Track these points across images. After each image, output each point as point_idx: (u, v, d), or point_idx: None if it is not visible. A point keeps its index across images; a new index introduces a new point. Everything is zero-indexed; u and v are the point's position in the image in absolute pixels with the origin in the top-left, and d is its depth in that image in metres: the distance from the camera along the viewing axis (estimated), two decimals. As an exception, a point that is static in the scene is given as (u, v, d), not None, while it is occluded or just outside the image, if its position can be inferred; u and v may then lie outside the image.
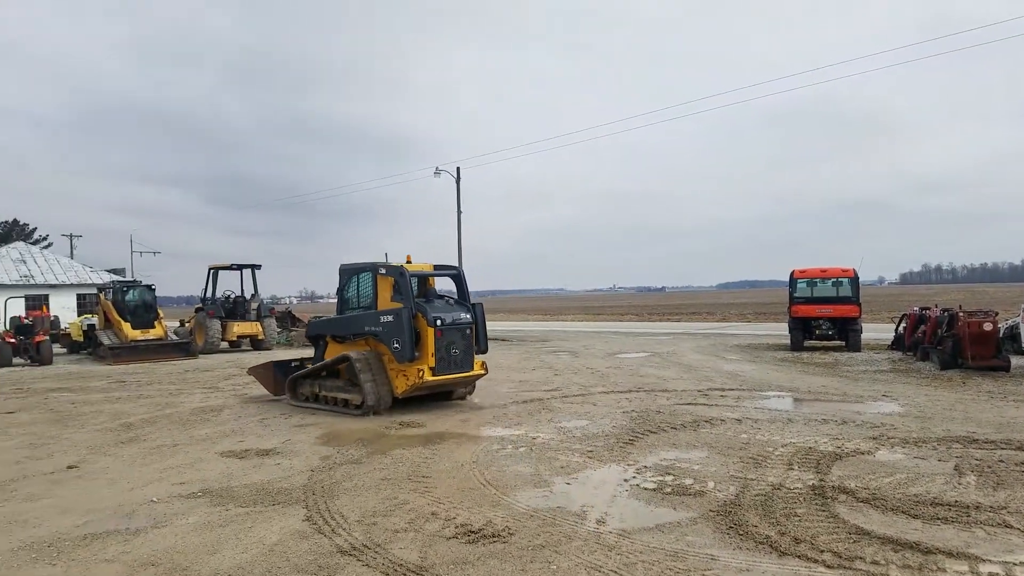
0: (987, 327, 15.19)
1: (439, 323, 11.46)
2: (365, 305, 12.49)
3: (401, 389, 11.71)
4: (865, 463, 7.58)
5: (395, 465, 8.02)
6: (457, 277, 12.87)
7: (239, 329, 26.91)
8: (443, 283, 13.15)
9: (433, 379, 11.45)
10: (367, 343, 12.34)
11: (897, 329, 20.98)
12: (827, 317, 21.08)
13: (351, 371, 11.97)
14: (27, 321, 24.79)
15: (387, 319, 11.71)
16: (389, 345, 11.65)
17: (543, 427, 10.08)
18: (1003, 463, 7.37)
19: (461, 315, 11.93)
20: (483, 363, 12.47)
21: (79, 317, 31.75)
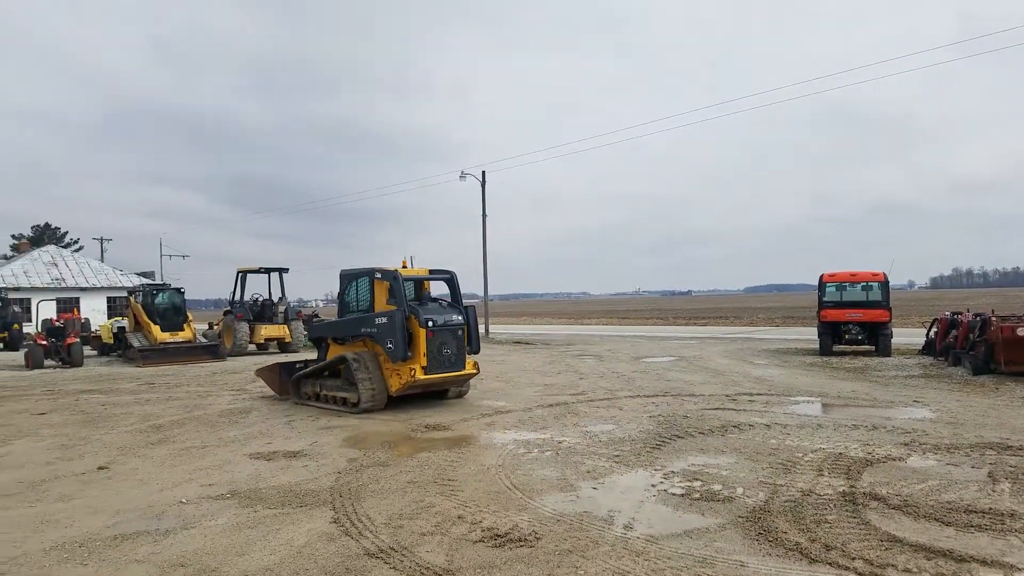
0: (1020, 332, 14.93)
1: (431, 324, 12.03)
2: (363, 308, 13.06)
3: (395, 387, 12.23)
4: (896, 469, 7.47)
5: (421, 468, 8.03)
6: (450, 281, 13.36)
7: (267, 332, 27.16)
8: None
9: (425, 378, 12.00)
10: (365, 344, 12.87)
11: (928, 334, 20.69)
12: (857, 321, 20.82)
13: (348, 371, 12.51)
14: (58, 323, 25.16)
15: (381, 321, 12.27)
16: (383, 345, 12.21)
17: (569, 431, 10.05)
18: (1039, 470, 7.24)
19: (453, 317, 12.50)
20: (475, 363, 13.04)
21: (109, 320, 32.16)
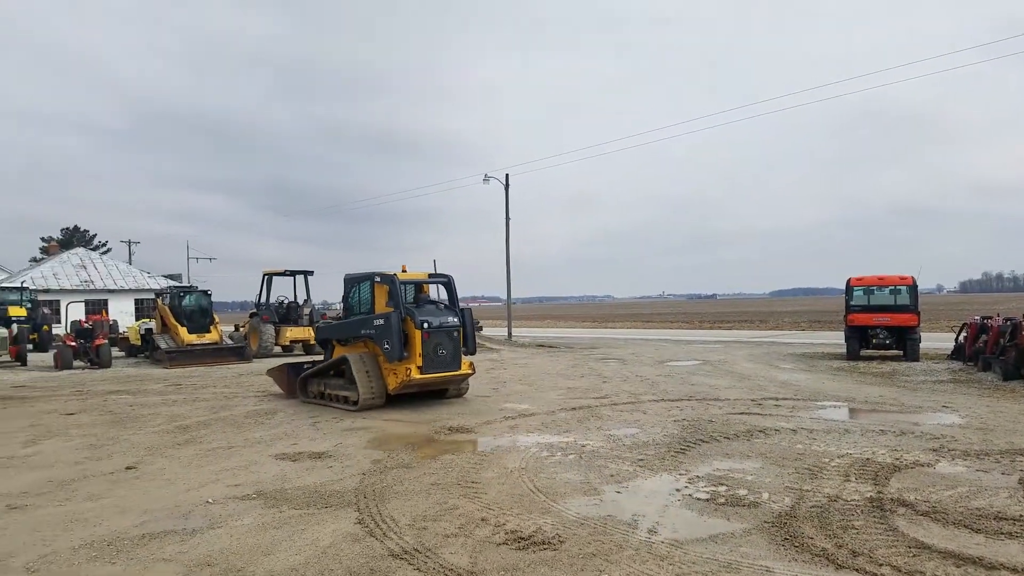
0: (1053, 337, 14.72)
1: (426, 326, 12.50)
2: (365, 311, 13.49)
3: (392, 386, 12.71)
4: (925, 475, 7.38)
5: (445, 470, 8.05)
6: (448, 285, 13.80)
7: (292, 334, 27.35)
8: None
9: (421, 377, 12.49)
10: (366, 345, 13.32)
11: (957, 338, 20.45)
12: (884, 326, 20.61)
13: (349, 370, 12.90)
14: (87, 325, 25.42)
15: (379, 323, 12.78)
16: (381, 346, 12.72)
17: (592, 435, 10.02)
18: (1072, 478, 7.12)
19: (449, 319, 12.97)
20: (471, 364, 13.51)
21: (137, 321, 32.50)
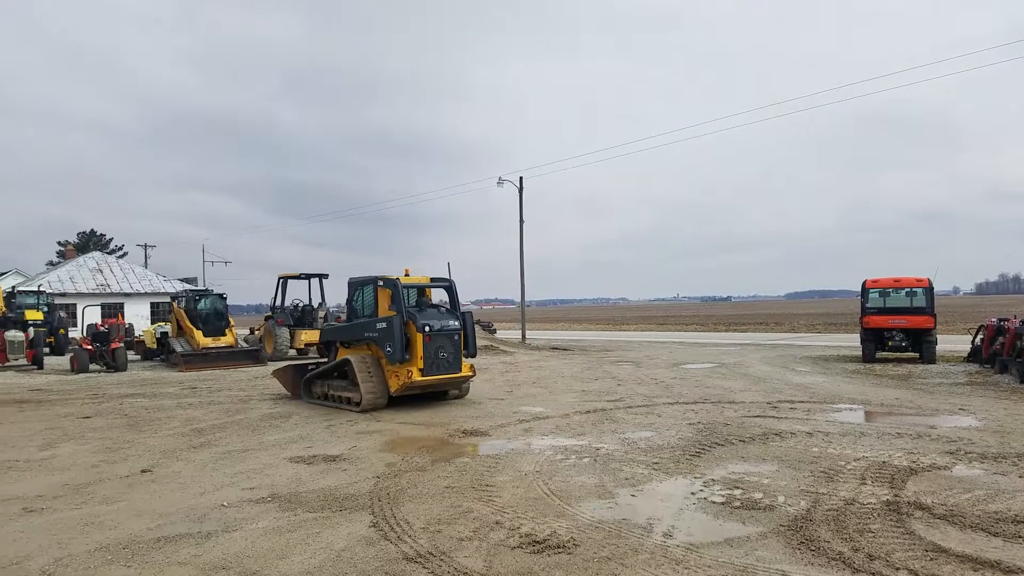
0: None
1: (427, 329, 12.72)
2: (368, 314, 13.70)
3: (394, 388, 12.94)
4: (942, 478, 7.32)
5: (459, 473, 8.05)
6: (449, 289, 14.01)
7: (307, 337, 27.38)
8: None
9: (422, 379, 12.72)
10: (368, 347, 13.52)
11: (974, 341, 20.27)
12: (900, 328, 20.49)
13: (351, 372, 13.07)
14: (103, 328, 25.59)
15: (382, 326, 13.01)
16: (383, 348, 12.97)
17: (607, 438, 10.00)
18: (1092, 481, 7.04)
19: (450, 323, 13.19)
20: (471, 366, 13.76)
21: (153, 325, 32.69)
